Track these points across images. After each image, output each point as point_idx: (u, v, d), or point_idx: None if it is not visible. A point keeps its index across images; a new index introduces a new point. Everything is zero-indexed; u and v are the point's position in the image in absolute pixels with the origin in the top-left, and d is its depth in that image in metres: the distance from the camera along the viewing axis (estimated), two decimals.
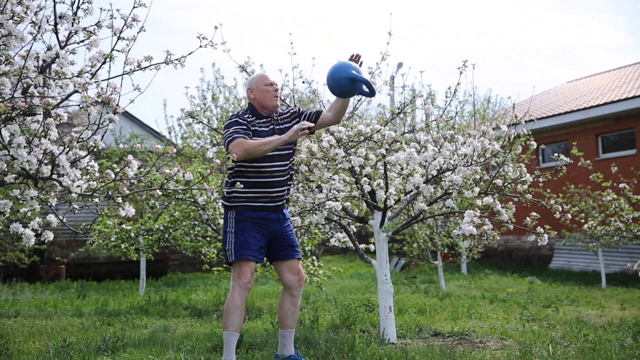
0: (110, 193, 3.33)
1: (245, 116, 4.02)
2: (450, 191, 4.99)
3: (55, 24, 3.22)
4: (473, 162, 4.89)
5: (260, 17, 53.93)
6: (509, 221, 4.62)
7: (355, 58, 4.16)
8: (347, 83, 3.95)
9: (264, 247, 3.97)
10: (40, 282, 11.97)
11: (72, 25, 3.23)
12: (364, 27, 51.36)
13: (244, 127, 3.92)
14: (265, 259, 4.14)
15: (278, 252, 4.05)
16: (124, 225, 8.50)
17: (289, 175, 4.10)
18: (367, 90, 3.97)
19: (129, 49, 3.27)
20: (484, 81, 38.67)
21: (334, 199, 4.85)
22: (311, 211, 5.05)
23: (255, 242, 3.89)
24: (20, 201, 3.21)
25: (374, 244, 5.38)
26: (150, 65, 3.31)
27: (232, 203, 3.97)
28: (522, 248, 16.32)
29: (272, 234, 4.00)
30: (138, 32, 3.29)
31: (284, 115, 4.16)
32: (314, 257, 8.06)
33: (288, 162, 4.07)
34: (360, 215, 5.60)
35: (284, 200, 4.09)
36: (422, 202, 5.24)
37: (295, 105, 4.27)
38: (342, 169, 5.18)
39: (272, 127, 4.05)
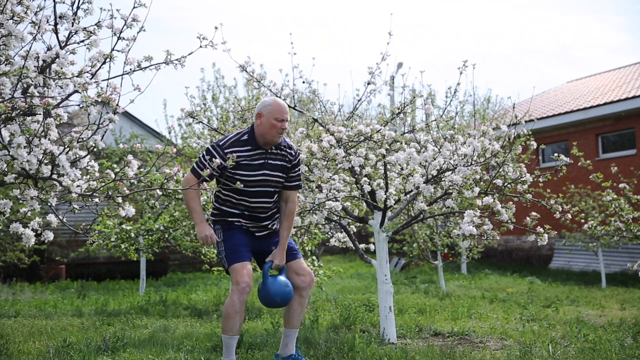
0: (110, 193, 3.33)
1: (228, 150, 3.80)
2: (450, 191, 4.99)
3: (55, 24, 3.22)
4: (473, 162, 4.89)
5: (260, 17, 53.96)
6: (509, 221, 4.62)
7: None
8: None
9: (253, 250, 4.00)
10: (40, 282, 11.96)
11: (72, 25, 3.23)
12: (364, 27, 51.40)
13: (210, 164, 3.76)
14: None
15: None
16: (124, 225, 8.50)
17: (274, 210, 4.05)
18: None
19: (129, 49, 3.27)
20: (484, 81, 38.70)
21: (334, 199, 4.85)
22: (311, 211, 5.05)
23: (244, 244, 3.92)
24: (20, 201, 3.22)
25: (374, 244, 5.38)
26: (150, 65, 3.31)
27: (217, 218, 4.01)
28: (522, 248, 16.32)
29: (260, 244, 4.04)
30: (138, 32, 3.29)
31: (280, 152, 3.97)
32: (314, 257, 8.06)
33: (273, 199, 4.00)
34: (360, 215, 5.60)
35: (270, 230, 4.05)
36: (422, 202, 5.24)
37: (295, 151, 4.04)
38: (342, 169, 5.17)
39: (262, 161, 3.91)
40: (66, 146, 3.14)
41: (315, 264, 7.84)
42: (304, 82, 5.82)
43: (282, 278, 3.91)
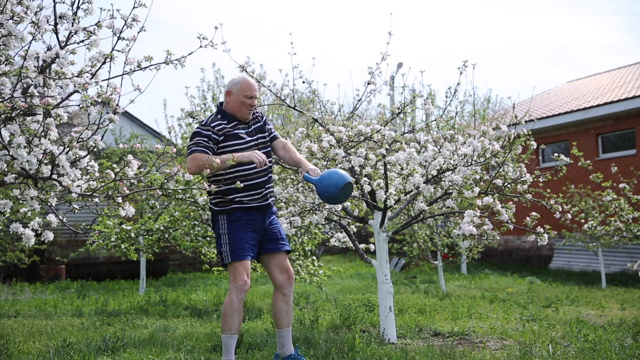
0: (110, 193, 3.33)
1: (213, 125, 3.97)
2: (450, 191, 4.99)
3: (55, 24, 3.22)
4: (473, 162, 4.89)
5: (261, 17, 53.96)
6: (509, 221, 4.62)
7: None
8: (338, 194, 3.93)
9: (256, 245, 3.99)
10: (40, 282, 11.96)
11: (72, 25, 3.23)
12: (364, 27, 51.38)
13: (205, 139, 3.90)
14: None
15: (263, 245, 4.04)
16: (124, 225, 8.49)
17: (269, 176, 4.11)
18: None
19: (129, 49, 3.27)
20: (484, 81, 38.69)
21: None
22: (311, 211, 5.05)
23: (249, 239, 3.91)
24: (20, 201, 3.21)
25: (374, 244, 5.38)
26: (150, 66, 3.31)
27: (221, 208, 3.97)
28: (522, 248, 16.32)
29: (261, 231, 4.02)
30: (138, 32, 3.29)
31: (254, 116, 4.16)
32: (314, 257, 8.06)
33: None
34: (360, 215, 5.60)
35: (271, 200, 4.09)
36: (422, 202, 5.24)
37: (261, 113, 4.22)
38: (342, 169, 5.17)
39: (244, 130, 4.06)
40: (66, 146, 3.14)
41: (315, 264, 7.85)
42: (304, 82, 5.82)
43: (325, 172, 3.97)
